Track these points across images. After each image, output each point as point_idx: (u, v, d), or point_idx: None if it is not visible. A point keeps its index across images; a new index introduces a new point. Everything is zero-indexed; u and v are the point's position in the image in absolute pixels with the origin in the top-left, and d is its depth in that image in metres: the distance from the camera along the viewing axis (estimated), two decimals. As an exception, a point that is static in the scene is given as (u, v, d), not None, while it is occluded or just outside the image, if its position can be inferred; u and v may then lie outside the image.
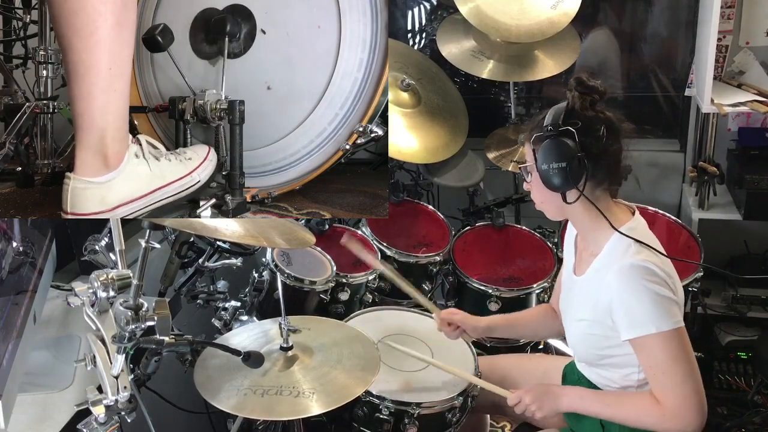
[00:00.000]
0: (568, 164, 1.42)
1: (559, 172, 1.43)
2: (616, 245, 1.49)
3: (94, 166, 1.45)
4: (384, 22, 1.69)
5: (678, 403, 1.41)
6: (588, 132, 1.44)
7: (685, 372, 1.41)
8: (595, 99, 1.47)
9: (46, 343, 1.71)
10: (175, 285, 1.97)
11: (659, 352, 1.42)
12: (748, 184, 2.53)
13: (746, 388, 2.65)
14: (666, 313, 1.41)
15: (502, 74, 2.54)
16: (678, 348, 1.41)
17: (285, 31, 1.72)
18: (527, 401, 1.59)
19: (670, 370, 1.41)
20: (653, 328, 1.40)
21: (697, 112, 2.85)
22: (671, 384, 1.41)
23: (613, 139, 1.48)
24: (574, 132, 1.42)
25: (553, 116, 1.46)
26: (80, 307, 1.33)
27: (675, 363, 1.41)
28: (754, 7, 2.64)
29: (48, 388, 1.55)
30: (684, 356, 1.42)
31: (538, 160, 1.46)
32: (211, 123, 1.68)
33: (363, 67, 1.71)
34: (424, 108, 2.46)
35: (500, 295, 2.22)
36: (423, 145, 2.39)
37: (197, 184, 1.61)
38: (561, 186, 1.45)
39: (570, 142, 1.43)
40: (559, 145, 1.43)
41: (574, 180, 1.43)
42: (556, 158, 1.43)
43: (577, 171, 1.43)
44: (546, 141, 1.45)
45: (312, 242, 1.62)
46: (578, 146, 1.42)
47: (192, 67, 1.79)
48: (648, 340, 1.42)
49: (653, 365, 1.44)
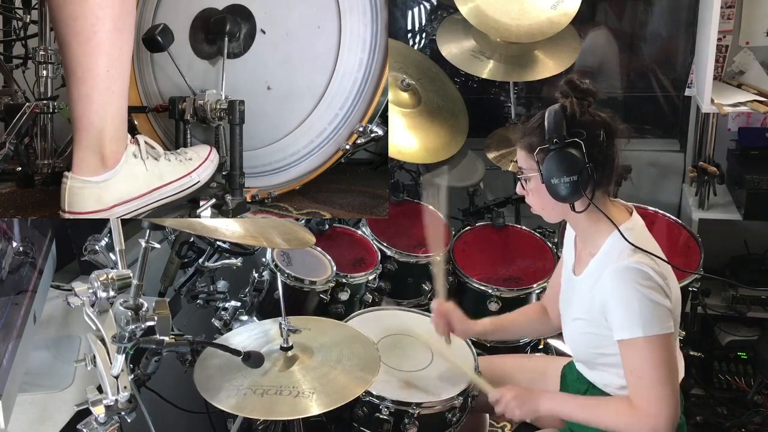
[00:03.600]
0: (579, 177, 1.42)
1: (570, 185, 1.43)
2: (613, 246, 1.49)
3: (91, 166, 1.46)
4: (384, 22, 1.69)
5: (652, 406, 1.41)
6: (592, 140, 1.43)
7: (664, 378, 1.41)
8: (590, 102, 1.47)
9: (46, 343, 1.71)
10: (175, 285, 1.97)
11: (642, 356, 1.42)
12: (748, 184, 2.53)
13: (746, 388, 2.65)
14: (656, 318, 1.41)
15: (502, 74, 2.54)
16: (661, 354, 1.41)
17: (284, 31, 1.72)
18: (508, 398, 1.60)
19: (649, 374, 1.42)
20: (640, 332, 1.40)
21: (697, 112, 2.85)
22: (647, 388, 1.42)
23: (611, 142, 1.48)
24: (582, 143, 1.42)
25: (554, 124, 1.44)
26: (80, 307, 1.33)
27: (655, 368, 1.41)
28: (754, 7, 2.64)
29: (48, 388, 1.55)
30: (666, 363, 1.42)
31: (545, 173, 1.45)
32: (211, 123, 1.68)
33: (363, 68, 1.71)
34: (424, 108, 2.46)
35: (500, 295, 2.23)
36: (423, 145, 2.39)
37: (197, 184, 1.61)
38: (570, 197, 1.45)
39: (577, 153, 1.42)
40: (569, 158, 1.42)
41: (585, 190, 1.43)
42: (567, 172, 1.42)
43: (586, 181, 1.43)
44: (553, 154, 1.44)
45: (312, 242, 1.62)
46: (585, 157, 1.42)
47: (192, 67, 1.79)
48: (634, 343, 1.42)
49: (634, 368, 1.44)
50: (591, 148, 1.43)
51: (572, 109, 1.44)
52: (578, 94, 1.45)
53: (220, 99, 1.67)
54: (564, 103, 1.45)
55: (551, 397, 1.63)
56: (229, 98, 1.67)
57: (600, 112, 1.48)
